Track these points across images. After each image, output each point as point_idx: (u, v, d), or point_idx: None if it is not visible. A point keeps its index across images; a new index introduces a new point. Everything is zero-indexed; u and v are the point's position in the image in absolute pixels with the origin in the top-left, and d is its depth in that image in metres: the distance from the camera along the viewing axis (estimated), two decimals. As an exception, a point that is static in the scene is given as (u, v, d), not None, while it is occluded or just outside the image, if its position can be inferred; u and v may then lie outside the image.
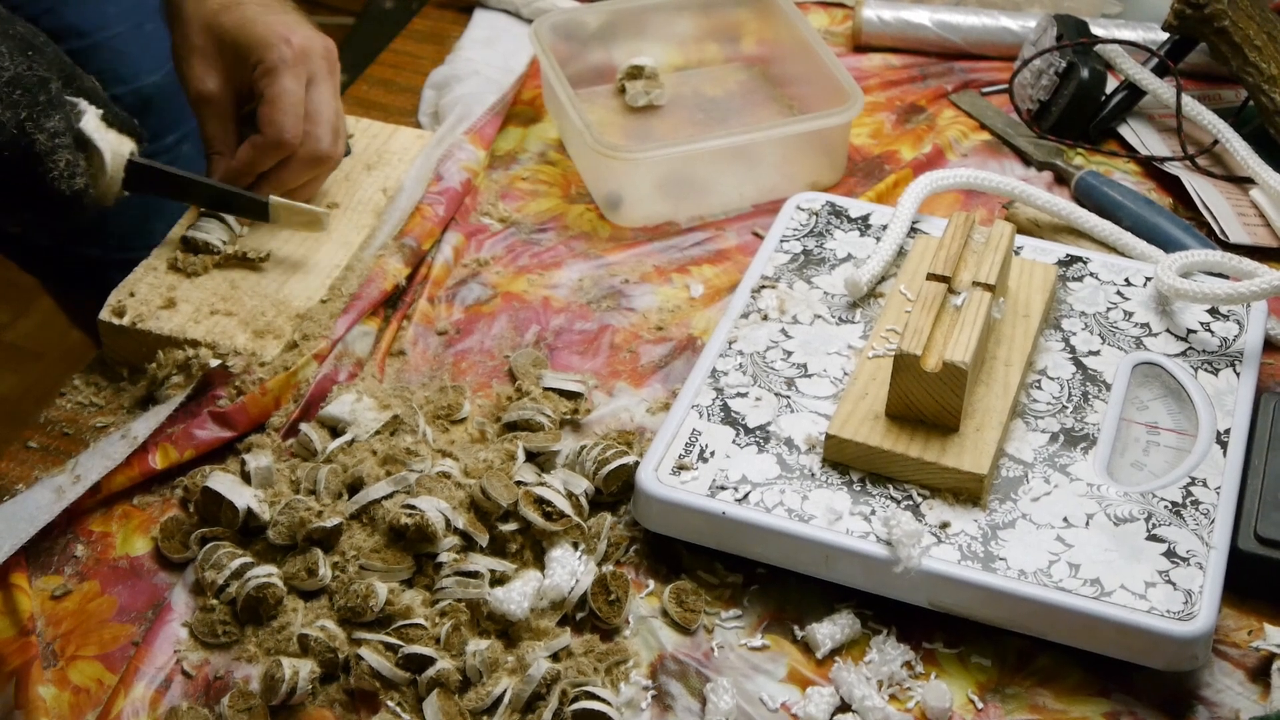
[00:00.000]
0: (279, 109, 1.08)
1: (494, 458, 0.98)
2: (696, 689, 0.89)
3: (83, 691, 0.89)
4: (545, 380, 1.04)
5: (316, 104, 1.10)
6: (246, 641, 0.91)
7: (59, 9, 1.35)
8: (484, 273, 1.16)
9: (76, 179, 0.99)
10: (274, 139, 1.08)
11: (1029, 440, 0.96)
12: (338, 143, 1.12)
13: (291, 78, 1.09)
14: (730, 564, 0.94)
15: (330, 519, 0.93)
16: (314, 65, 1.11)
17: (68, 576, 0.95)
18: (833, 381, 1.00)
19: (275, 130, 1.08)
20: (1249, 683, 0.89)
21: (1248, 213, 1.19)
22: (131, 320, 1.06)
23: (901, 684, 0.89)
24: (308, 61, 1.11)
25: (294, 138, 1.09)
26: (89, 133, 1.01)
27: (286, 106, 1.08)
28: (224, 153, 1.12)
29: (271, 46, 1.09)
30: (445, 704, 0.85)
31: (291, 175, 1.11)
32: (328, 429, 1.01)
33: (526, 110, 1.32)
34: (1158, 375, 1.00)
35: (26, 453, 1.03)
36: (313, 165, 1.11)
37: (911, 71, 1.37)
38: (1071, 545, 0.89)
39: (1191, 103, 1.25)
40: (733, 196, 1.22)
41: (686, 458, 0.95)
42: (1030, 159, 1.26)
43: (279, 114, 1.08)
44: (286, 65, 1.09)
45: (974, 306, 0.95)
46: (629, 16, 1.32)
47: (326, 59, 1.12)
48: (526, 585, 0.90)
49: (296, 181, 1.12)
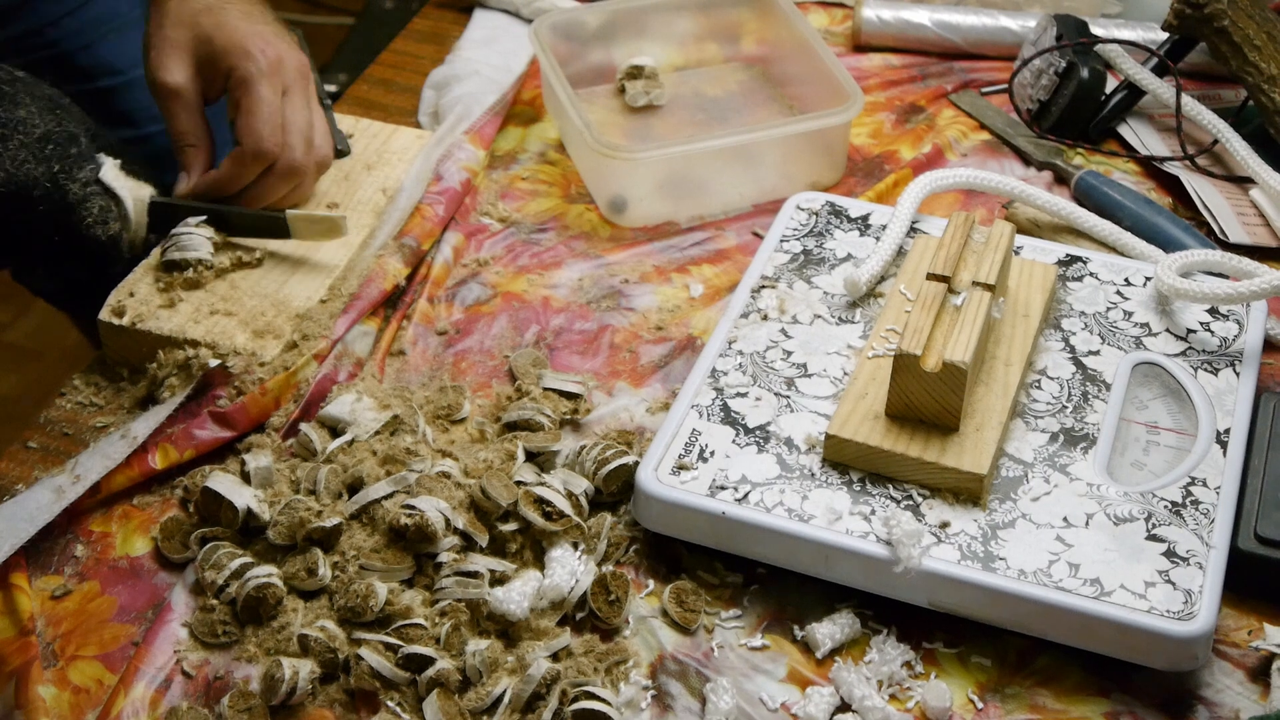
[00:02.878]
0: (258, 119, 1.08)
1: (494, 458, 0.98)
2: (696, 689, 0.89)
3: (83, 691, 0.89)
4: (545, 380, 1.04)
5: (290, 116, 1.10)
6: (246, 641, 0.91)
7: (96, 45, 1.37)
8: (484, 273, 1.16)
9: (110, 224, 1.06)
10: (253, 149, 1.08)
11: (1029, 440, 0.96)
12: (309, 154, 1.12)
13: (268, 87, 1.09)
14: (730, 564, 0.94)
15: (330, 519, 0.93)
16: (288, 77, 1.11)
17: (68, 576, 0.95)
18: (832, 381, 1.00)
19: (254, 140, 1.08)
20: (1249, 683, 0.89)
21: (1247, 212, 1.19)
22: (131, 320, 1.06)
23: (901, 684, 0.89)
24: (281, 73, 1.10)
25: (274, 147, 1.09)
26: (109, 182, 1.07)
27: (265, 116, 1.08)
28: (197, 145, 1.12)
29: (248, 55, 1.10)
30: (445, 704, 0.85)
31: (270, 188, 1.11)
32: (328, 429, 1.01)
33: (526, 110, 1.32)
34: (1158, 375, 1.00)
35: (26, 453, 1.03)
36: (289, 177, 1.11)
37: (911, 71, 1.37)
38: (1071, 545, 0.89)
39: (1191, 103, 1.25)
40: (733, 196, 1.22)
41: (686, 458, 0.95)
42: (1030, 159, 1.26)
43: (258, 124, 1.08)
44: (262, 75, 1.09)
45: (974, 306, 0.95)
46: (629, 16, 1.32)
47: (300, 73, 1.12)
48: (526, 585, 0.90)
49: (275, 195, 1.12)
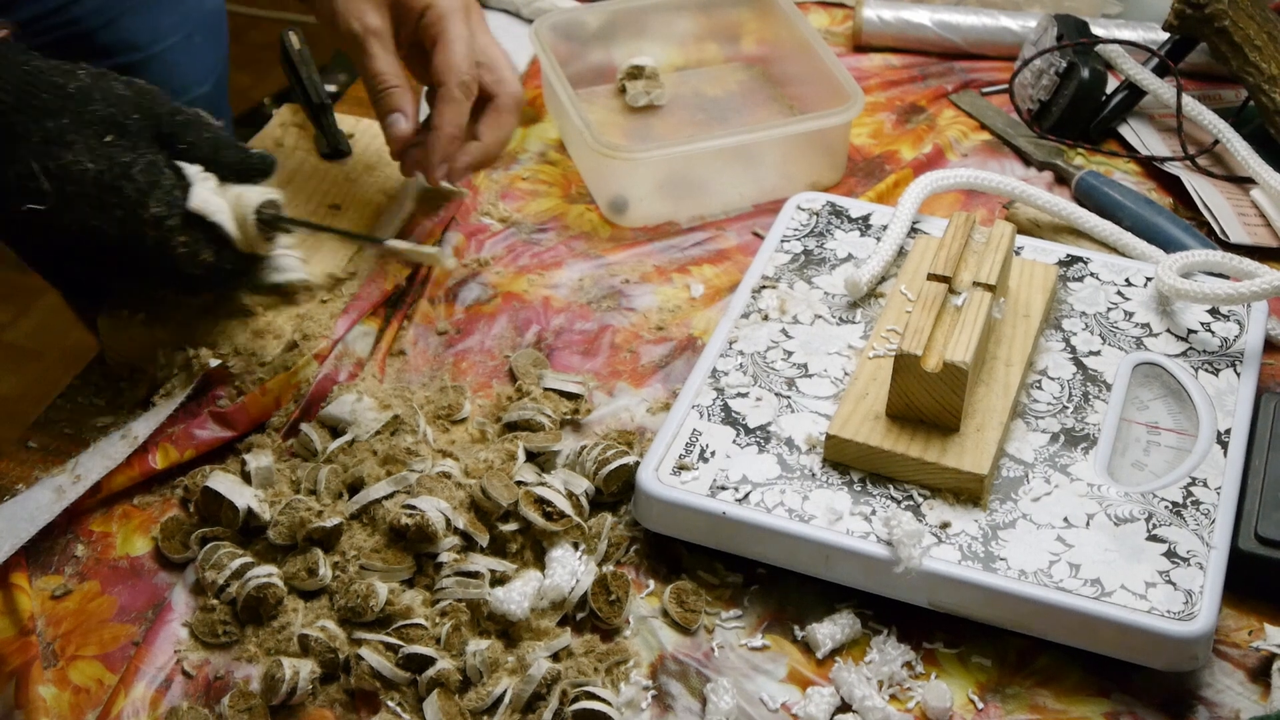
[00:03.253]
0: (457, 54, 1.05)
1: (494, 458, 0.98)
2: (697, 689, 0.89)
3: (83, 691, 0.89)
4: (545, 381, 1.04)
5: (490, 51, 1.09)
6: (247, 641, 0.91)
7: (119, 20, 1.35)
8: (484, 273, 1.16)
9: (201, 256, 0.96)
10: (459, 81, 1.05)
11: (1029, 440, 0.96)
12: (520, 84, 1.10)
13: (463, 24, 1.07)
14: (730, 564, 0.94)
15: (330, 519, 0.93)
16: (473, 17, 1.09)
17: (68, 576, 0.95)
18: (833, 381, 1.00)
19: (458, 73, 1.05)
20: (1249, 683, 0.89)
21: (1248, 213, 1.19)
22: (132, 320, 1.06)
23: (902, 684, 0.89)
24: (470, 11, 1.08)
25: (473, 79, 1.06)
26: (197, 208, 0.95)
27: (465, 52, 1.06)
28: (400, 85, 1.07)
29: None
30: (445, 704, 0.85)
31: (505, 124, 1.09)
32: (328, 429, 1.01)
33: (527, 110, 1.32)
34: (1158, 375, 1.00)
35: (26, 453, 1.03)
36: (517, 110, 1.10)
37: (911, 71, 1.37)
38: (1072, 545, 0.89)
39: (1192, 103, 1.25)
40: (733, 196, 1.22)
41: (687, 458, 0.95)
42: (1030, 159, 1.26)
43: (458, 58, 1.05)
44: (455, 11, 1.06)
45: (974, 306, 0.95)
46: (629, 16, 1.32)
47: (480, 15, 1.10)
48: (527, 585, 0.90)
49: (510, 130, 1.10)
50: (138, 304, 1.05)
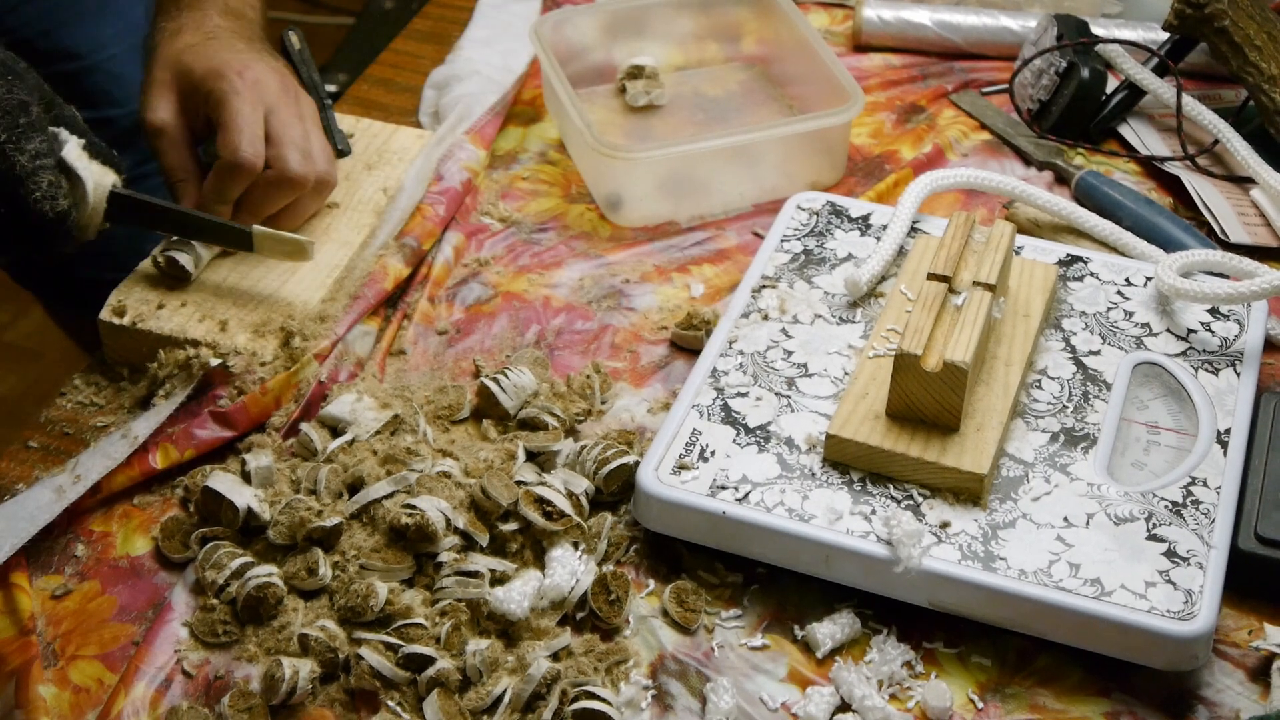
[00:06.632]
0: (232, 130, 1.07)
1: (494, 457, 0.98)
2: (696, 689, 0.89)
3: (83, 691, 0.89)
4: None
5: (278, 129, 1.09)
6: (247, 641, 0.91)
7: (55, 31, 1.35)
8: (484, 272, 1.16)
9: (59, 200, 0.99)
10: (230, 160, 1.07)
11: (1029, 440, 0.96)
12: (308, 164, 1.10)
13: (243, 102, 1.08)
14: (730, 564, 0.94)
15: (330, 519, 0.93)
16: (269, 96, 1.10)
17: (68, 576, 0.95)
18: (833, 381, 1.00)
19: (230, 150, 1.07)
20: (1249, 682, 0.89)
21: (1248, 212, 1.19)
22: (132, 320, 1.06)
23: (901, 684, 0.89)
24: (260, 90, 1.10)
25: (252, 157, 1.07)
26: (71, 161, 1.01)
27: (240, 127, 1.07)
28: (187, 179, 1.11)
29: (223, 77, 1.09)
30: (445, 704, 0.85)
31: (263, 199, 1.10)
32: (328, 429, 1.01)
33: (527, 110, 1.32)
34: (1158, 375, 1.00)
35: (26, 453, 1.03)
36: (282, 187, 1.09)
37: (911, 71, 1.37)
38: (1072, 545, 0.89)
39: (1191, 102, 1.25)
40: (733, 196, 1.22)
41: (687, 457, 0.95)
42: (1030, 159, 1.26)
43: (233, 135, 1.07)
44: (236, 92, 1.08)
45: (974, 306, 0.95)
46: (629, 16, 1.32)
47: (284, 92, 1.12)
48: (526, 585, 0.90)
49: (273, 205, 1.10)
50: None
